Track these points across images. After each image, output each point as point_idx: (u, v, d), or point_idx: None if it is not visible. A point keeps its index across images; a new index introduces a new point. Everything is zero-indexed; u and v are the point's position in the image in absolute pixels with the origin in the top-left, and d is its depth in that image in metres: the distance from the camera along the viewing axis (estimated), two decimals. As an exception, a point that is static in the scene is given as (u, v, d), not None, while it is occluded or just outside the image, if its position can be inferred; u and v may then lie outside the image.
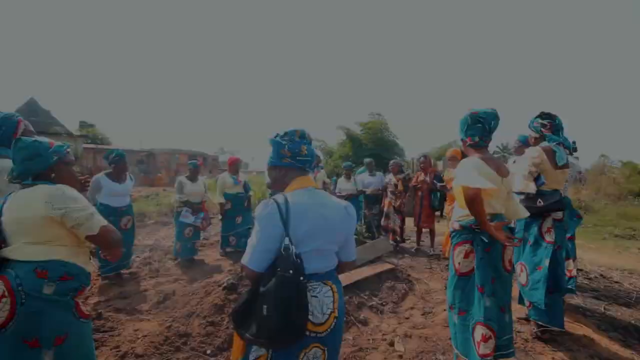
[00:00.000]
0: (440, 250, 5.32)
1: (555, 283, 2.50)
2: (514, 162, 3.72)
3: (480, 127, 1.92)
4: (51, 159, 1.44)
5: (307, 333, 1.19)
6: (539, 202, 2.47)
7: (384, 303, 3.35)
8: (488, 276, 1.88)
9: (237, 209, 5.06)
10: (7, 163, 1.71)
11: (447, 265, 4.68)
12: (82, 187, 1.83)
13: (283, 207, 1.20)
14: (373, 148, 15.65)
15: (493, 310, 1.86)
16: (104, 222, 1.46)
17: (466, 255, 1.95)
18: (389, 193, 5.55)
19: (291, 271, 1.14)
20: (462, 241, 1.98)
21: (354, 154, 15.55)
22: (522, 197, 2.53)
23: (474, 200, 1.79)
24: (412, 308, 3.33)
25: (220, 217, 5.18)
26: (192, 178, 4.75)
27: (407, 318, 3.11)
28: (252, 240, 1.23)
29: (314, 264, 1.25)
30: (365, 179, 5.92)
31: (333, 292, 1.27)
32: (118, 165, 3.85)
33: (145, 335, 2.60)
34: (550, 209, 2.47)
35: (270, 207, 1.20)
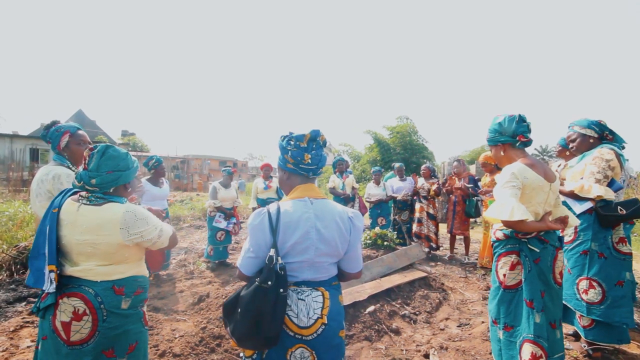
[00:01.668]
0: (476, 259, 5.08)
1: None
2: (559, 165, 3.48)
3: (527, 125, 1.81)
4: (134, 175, 1.44)
5: (292, 334, 1.20)
6: (620, 209, 2.23)
7: (417, 312, 3.24)
8: (537, 290, 1.74)
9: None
10: (62, 170, 1.85)
11: (484, 274, 4.48)
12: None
13: (274, 218, 1.22)
14: (401, 152, 15.37)
15: (543, 327, 1.72)
16: (170, 230, 1.51)
17: (512, 267, 1.81)
18: (421, 198, 5.40)
19: (270, 282, 1.15)
20: (508, 251, 1.84)
21: (382, 158, 15.35)
22: (586, 204, 2.30)
23: (520, 227, 1.69)
24: (447, 319, 3.19)
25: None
26: (226, 184, 4.90)
27: (442, 329, 2.99)
28: (245, 245, 1.27)
29: (305, 274, 1.25)
30: (395, 184, 5.80)
31: (324, 298, 1.25)
32: (157, 170, 4.08)
33: (182, 336, 2.69)
34: (633, 216, 2.24)
35: (262, 217, 1.23)
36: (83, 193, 1.37)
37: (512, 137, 1.81)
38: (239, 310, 1.17)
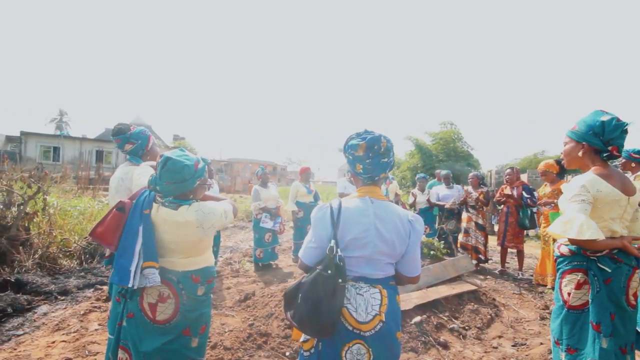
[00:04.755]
0: (531, 275, 4.71)
1: None
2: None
3: (624, 138, 1.59)
4: (193, 184, 1.48)
5: (350, 329, 1.23)
6: None
7: (466, 327, 3.08)
8: (607, 312, 1.57)
9: (309, 218, 5.20)
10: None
11: (540, 292, 4.14)
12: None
13: (335, 212, 1.29)
14: (444, 159, 14.78)
15: (611, 353, 1.55)
16: (230, 206, 1.65)
17: (578, 286, 1.64)
18: (469, 208, 5.14)
19: (329, 271, 1.21)
20: (573, 269, 1.68)
21: (424, 165, 14.88)
22: None
23: (590, 245, 1.52)
24: (500, 337, 2.99)
25: (292, 224, 5.40)
26: (264, 184, 5.03)
27: (494, 347, 2.80)
28: (307, 237, 1.35)
29: (362, 269, 1.29)
30: (441, 192, 5.58)
31: (382, 296, 1.27)
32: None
33: (231, 330, 2.80)
34: None
35: (324, 211, 1.31)
36: (158, 196, 1.49)
37: (605, 144, 1.59)
38: (300, 295, 1.24)
